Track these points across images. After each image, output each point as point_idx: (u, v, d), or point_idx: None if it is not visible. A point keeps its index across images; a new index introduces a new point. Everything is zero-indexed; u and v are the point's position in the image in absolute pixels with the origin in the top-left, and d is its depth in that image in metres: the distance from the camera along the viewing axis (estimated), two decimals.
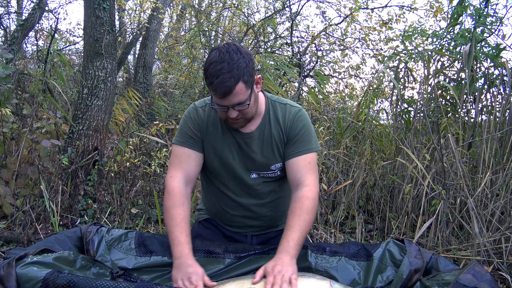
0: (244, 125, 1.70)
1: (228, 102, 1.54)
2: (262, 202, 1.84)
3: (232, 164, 1.77)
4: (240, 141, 1.75)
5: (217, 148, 1.76)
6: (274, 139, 1.76)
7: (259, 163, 1.77)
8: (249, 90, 1.57)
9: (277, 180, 1.84)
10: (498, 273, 2.53)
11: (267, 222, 1.90)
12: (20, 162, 3.27)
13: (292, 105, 1.80)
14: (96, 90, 3.48)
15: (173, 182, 1.70)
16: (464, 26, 3.65)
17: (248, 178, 1.79)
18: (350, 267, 1.66)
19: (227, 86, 1.49)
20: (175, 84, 8.17)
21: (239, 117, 1.61)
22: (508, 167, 2.91)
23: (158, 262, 1.67)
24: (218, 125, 1.76)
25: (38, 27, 7.94)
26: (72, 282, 1.13)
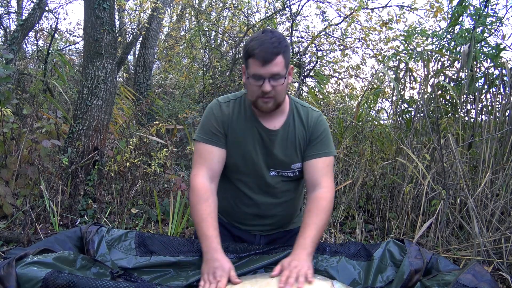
0: (273, 108, 1.70)
1: (266, 71, 1.58)
2: (276, 202, 1.86)
3: (254, 160, 1.78)
4: (265, 137, 1.77)
5: (241, 142, 1.77)
6: (297, 139, 1.79)
7: (281, 161, 1.79)
8: (285, 69, 1.62)
9: (294, 181, 1.86)
10: (498, 273, 2.53)
11: (278, 222, 1.91)
12: (20, 162, 3.27)
13: (313, 109, 1.85)
14: (96, 90, 3.48)
15: (197, 179, 1.71)
16: (464, 26, 3.65)
17: (267, 175, 1.80)
18: (350, 267, 1.66)
19: (270, 52, 1.56)
20: (175, 84, 8.18)
21: (271, 94, 1.63)
22: (508, 167, 2.91)
23: (158, 262, 1.67)
24: (243, 120, 1.77)
25: (38, 27, 7.94)
26: (72, 282, 1.13)
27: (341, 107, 5.42)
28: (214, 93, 6.42)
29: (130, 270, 1.63)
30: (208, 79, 6.70)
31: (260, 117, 1.77)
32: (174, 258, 1.67)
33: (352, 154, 3.92)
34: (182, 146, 4.92)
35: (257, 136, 1.77)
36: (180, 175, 3.63)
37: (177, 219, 2.90)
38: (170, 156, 3.65)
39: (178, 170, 4.05)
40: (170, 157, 3.66)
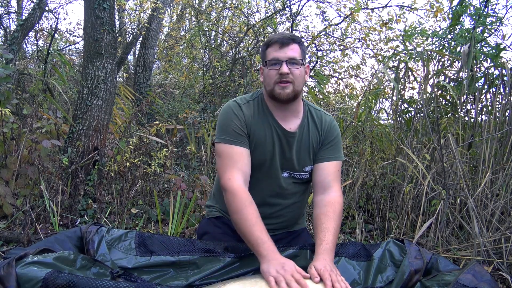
0: (291, 95, 1.71)
1: (284, 54, 1.65)
2: (285, 203, 1.87)
3: (271, 161, 1.79)
4: (283, 139, 1.78)
5: (261, 144, 1.77)
6: (311, 142, 1.81)
7: (295, 163, 1.81)
8: (300, 60, 1.69)
9: (304, 183, 1.88)
10: (498, 273, 2.53)
11: (284, 223, 1.92)
12: (20, 162, 3.27)
13: (325, 113, 1.89)
14: (96, 90, 3.48)
15: (234, 183, 1.64)
16: (464, 26, 3.65)
17: (280, 177, 1.81)
18: (350, 267, 1.66)
19: (287, 37, 1.68)
20: (175, 84, 8.17)
21: (289, 78, 1.67)
22: (508, 167, 2.91)
23: (158, 262, 1.66)
24: (262, 121, 1.78)
25: (38, 27, 7.94)
26: (72, 282, 1.13)
27: (341, 107, 5.42)
28: (214, 93, 6.42)
29: (130, 270, 1.63)
30: (208, 79, 6.70)
31: (278, 117, 1.78)
32: (174, 258, 1.66)
33: (352, 154, 3.92)
34: (182, 146, 4.92)
35: (276, 138, 1.77)
36: (180, 175, 3.63)
37: (177, 219, 2.90)
38: (170, 156, 3.65)
39: (178, 170, 4.05)
40: (170, 157, 3.66)
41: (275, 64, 1.67)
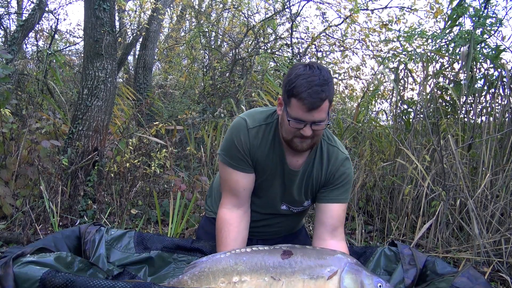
0: (306, 149, 1.63)
1: (311, 117, 1.48)
2: (283, 221, 1.89)
3: (270, 193, 1.78)
4: (286, 177, 1.73)
5: (262, 173, 1.74)
6: (313, 180, 1.75)
7: (294, 199, 1.79)
8: (327, 112, 1.53)
9: (302, 211, 1.88)
10: (498, 275, 2.53)
11: (282, 231, 1.94)
12: (20, 163, 3.27)
13: (340, 150, 1.75)
14: (96, 91, 3.48)
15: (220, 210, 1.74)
16: (463, 28, 3.66)
17: (279, 208, 1.82)
18: None
19: (319, 98, 1.45)
20: (175, 85, 8.17)
21: (310, 137, 1.54)
22: (508, 168, 2.91)
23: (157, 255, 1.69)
24: (270, 153, 1.70)
25: (38, 27, 7.95)
26: (69, 281, 1.13)
27: (341, 108, 5.43)
28: (214, 94, 6.42)
29: (128, 265, 1.64)
30: (208, 80, 6.70)
31: (287, 150, 1.69)
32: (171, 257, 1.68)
33: (351, 155, 3.92)
34: (181, 147, 4.92)
35: (279, 173, 1.73)
36: (179, 175, 3.62)
37: (177, 220, 2.89)
38: (170, 156, 3.65)
39: (178, 171, 4.05)
40: (170, 158, 3.65)
41: (299, 123, 1.51)
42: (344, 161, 1.74)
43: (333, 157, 1.73)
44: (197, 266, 1.43)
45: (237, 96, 5.35)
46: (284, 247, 1.44)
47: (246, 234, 1.74)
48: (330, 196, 1.73)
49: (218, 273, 1.40)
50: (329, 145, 1.74)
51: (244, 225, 1.72)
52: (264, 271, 1.39)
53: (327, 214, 1.71)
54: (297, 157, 1.71)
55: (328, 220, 1.70)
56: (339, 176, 1.72)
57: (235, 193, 1.72)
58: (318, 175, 1.73)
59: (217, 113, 4.47)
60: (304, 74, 1.46)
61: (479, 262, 2.59)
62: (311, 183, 1.75)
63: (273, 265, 1.40)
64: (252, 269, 1.40)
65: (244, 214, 1.74)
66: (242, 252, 1.44)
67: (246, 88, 5.27)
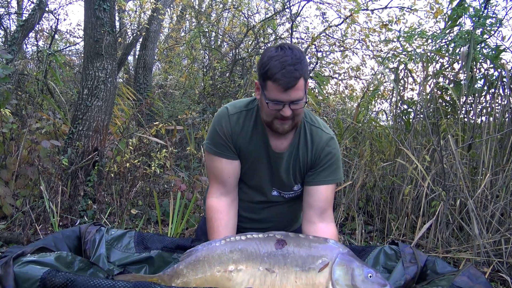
0: (288, 130, 1.63)
1: (288, 97, 1.50)
2: (276, 211, 1.87)
3: (258, 177, 1.77)
4: (272, 159, 1.73)
5: (248, 159, 1.74)
6: (299, 162, 1.73)
7: (284, 183, 1.77)
8: (304, 90, 1.54)
9: (295, 198, 1.86)
10: (498, 275, 2.53)
11: (274, 227, 1.91)
12: (20, 163, 3.27)
13: (324, 131, 1.74)
14: (96, 91, 3.48)
15: (208, 199, 1.76)
16: (463, 28, 3.66)
17: (269, 194, 1.81)
18: None
19: (293, 77, 1.46)
20: (175, 85, 8.18)
21: (290, 117, 1.55)
22: (508, 169, 2.91)
23: (157, 255, 1.69)
24: (253, 136, 1.71)
25: (38, 27, 7.95)
26: (70, 280, 1.13)
27: (341, 108, 5.43)
28: (214, 94, 6.42)
29: (128, 265, 1.64)
30: (208, 80, 6.70)
31: (270, 134, 1.69)
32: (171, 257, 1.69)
33: (351, 155, 3.92)
34: (182, 147, 4.92)
35: (264, 156, 1.73)
36: (180, 176, 3.62)
37: (177, 220, 2.90)
38: (170, 157, 3.65)
39: (178, 171, 4.05)
40: (170, 158, 3.66)
41: (277, 104, 1.52)
42: (329, 141, 1.72)
43: (317, 138, 1.72)
44: (193, 254, 1.43)
45: (237, 96, 5.35)
46: (278, 235, 1.42)
47: (236, 221, 1.75)
48: (317, 178, 1.71)
49: (214, 262, 1.40)
50: (312, 126, 1.74)
51: (233, 212, 1.74)
52: (259, 260, 1.39)
53: (315, 196, 1.70)
54: (281, 140, 1.71)
55: (317, 202, 1.70)
56: (324, 156, 1.71)
57: (221, 181, 1.73)
58: (304, 157, 1.73)
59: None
60: (277, 56, 1.48)
61: (479, 262, 2.59)
62: (298, 166, 1.74)
63: (267, 254, 1.39)
64: (247, 258, 1.39)
65: (233, 202, 1.75)
66: (237, 240, 1.43)
67: (246, 88, 5.27)
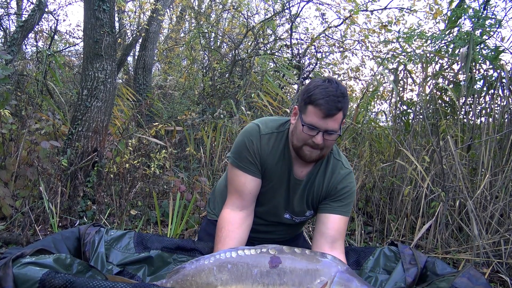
0: (315, 159, 1.66)
1: (325, 125, 1.54)
2: (286, 228, 1.90)
3: (274, 200, 1.79)
4: (291, 186, 1.75)
5: (269, 180, 1.75)
6: (314, 190, 1.76)
7: (296, 210, 1.80)
8: (340, 126, 1.58)
9: (306, 220, 1.89)
10: (498, 275, 2.53)
11: (281, 237, 1.94)
12: (19, 163, 3.27)
13: (344, 165, 1.78)
14: (95, 92, 3.48)
15: (223, 210, 1.75)
16: (463, 29, 3.66)
17: (282, 217, 1.83)
18: None
19: (335, 107, 1.51)
20: (174, 86, 8.18)
21: (320, 146, 1.59)
22: (507, 169, 2.91)
23: (157, 255, 1.69)
24: (279, 160, 1.72)
25: (38, 28, 7.94)
26: (69, 282, 1.13)
27: None
28: (214, 94, 6.42)
29: (127, 265, 1.64)
30: (208, 81, 6.70)
31: (295, 160, 1.72)
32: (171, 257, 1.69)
33: (351, 156, 3.92)
34: (181, 148, 4.92)
35: (285, 181, 1.75)
36: (179, 176, 3.62)
37: (177, 221, 2.89)
38: (169, 157, 3.65)
39: (178, 172, 4.05)
40: (169, 159, 3.65)
41: (312, 130, 1.56)
42: (347, 175, 1.76)
43: (336, 170, 1.75)
44: (180, 272, 1.41)
45: (237, 97, 5.35)
46: (271, 251, 1.39)
47: (246, 236, 1.73)
48: (331, 206, 1.73)
49: (201, 282, 1.36)
50: (334, 158, 1.78)
51: (246, 227, 1.73)
52: (251, 281, 1.35)
53: (327, 225, 1.71)
54: (302, 167, 1.74)
55: (328, 231, 1.69)
56: (340, 189, 1.73)
57: (240, 194, 1.73)
58: (320, 186, 1.75)
59: (217, 114, 4.47)
60: (323, 85, 1.54)
61: (478, 263, 2.59)
62: (311, 194, 1.76)
63: (260, 273, 1.36)
64: (237, 278, 1.36)
65: (247, 217, 1.75)
66: (227, 257, 1.39)
67: (245, 89, 5.27)
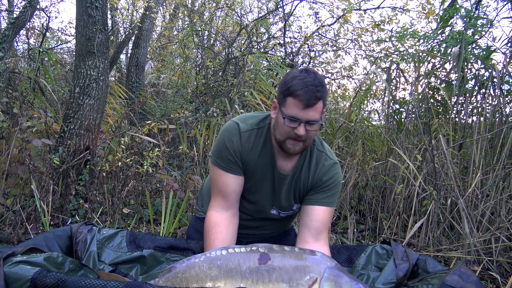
0: (298, 152, 1.65)
1: (305, 116, 1.52)
2: (273, 223, 1.89)
3: (260, 196, 1.78)
4: (276, 181, 1.75)
5: (252, 177, 1.75)
6: (300, 183, 1.76)
7: (283, 204, 1.80)
8: (321, 115, 1.57)
9: (293, 214, 1.89)
10: (488, 273, 2.55)
11: (269, 234, 1.94)
12: (11, 161, 3.24)
13: (328, 156, 1.77)
14: (88, 89, 3.46)
15: (209, 213, 1.73)
16: (455, 28, 3.69)
17: (268, 212, 1.82)
18: None
19: (314, 96, 1.50)
20: (167, 84, 8.14)
21: (303, 138, 1.58)
22: (498, 168, 2.94)
23: (150, 254, 1.68)
24: (261, 156, 1.71)
25: (29, 25, 7.86)
26: (61, 281, 1.12)
27: (333, 108, 5.45)
28: (207, 93, 6.41)
29: (120, 264, 1.64)
30: (201, 79, 6.69)
31: (278, 154, 1.72)
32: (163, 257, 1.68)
33: (344, 154, 3.93)
34: (174, 146, 4.91)
35: (269, 177, 1.74)
36: (172, 175, 3.61)
37: (169, 219, 2.89)
38: (162, 156, 3.64)
39: (170, 170, 4.04)
40: (162, 157, 3.64)
41: (293, 122, 1.54)
42: (332, 166, 1.76)
43: (320, 162, 1.75)
44: (172, 271, 1.41)
45: (230, 95, 5.35)
46: (261, 249, 1.40)
47: (235, 236, 1.73)
48: (316, 198, 1.73)
49: (191, 279, 1.37)
50: (318, 150, 1.77)
51: (233, 228, 1.72)
52: (240, 277, 1.36)
53: (312, 216, 1.71)
54: (287, 161, 1.73)
55: (313, 223, 1.70)
56: (326, 180, 1.73)
57: (224, 195, 1.72)
58: (306, 179, 1.75)
59: (210, 112, 4.46)
60: (300, 76, 1.53)
61: (469, 261, 2.61)
62: (298, 188, 1.76)
63: (249, 269, 1.36)
64: (226, 274, 1.37)
65: (233, 217, 1.74)
66: (217, 255, 1.40)
67: (239, 87, 5.27)
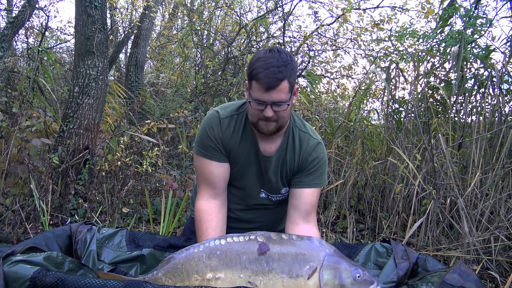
0: (273, 131, 1.65)
1: (270, 98, 1.52)
2: (264, 212, 1.88)
3: (247, 180, 1.78)
4: (261, 162, 1.75)
5: (237, 162, 1.75)
6: (287, 165, 1.76)
7: (272, 186, 1.80)
8: (289, 94, 1.56)
9: (282, 201, 1.88)
10: (488, 272, 2.55)
11: (262, 226, 1.92)
12: (10, 161, 3.23)
13: (312, 136, 1.78)
14: (87, 89, 3.46)
15: (197, 202, 1.75)
16: (454, 28, 3.69)
17: (257, 197, 1.82)
18: None
19: (275, 78, 1.49)
20: (167, 83, 8.14)
21: (273, 119, 1.58)
22: (497, 167, 2.94)
23: (149, 253, 1.68)
24: (242, 140, 1.73)
25: (29, 24, 7.86)
26: (60, 280, 1.12)
27: (332, 107, 5.45)
28: (206, 92, 6.41)
29: (119, 263, 1.63)
30: (200, 78, 6.68)
31: (259, 138, 1.72)
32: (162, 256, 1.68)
33: (343, 154, 3.93)
34: (173, 145, 4.90)
35: (253, 159, 1.75)
36: (171, 174, 3.61)
37: (169, 219, 2.89)
38: (162, 155, 3.64)
39: (170, 170, 4.04)
40: (162, 156, 3.64)
41: (259, 104, 1.55)
42: (316, 146, 1.76)
43: (304, 143, 1.75)
44: (171, 261, 1.41)
45: (230, 94, 5.35)
46: (259, 238, 1.40)
47: (225, 224, 1.75)
48: (303, 181, 1.74)
49: (191, 269, 1.38)
50: (300, 131, 1.77)
51: (222, 215, 1.74)
52: (240, 268, 1.36)
53: (301, 199, 1.73)
54: (269, 144, 1.74)
55: (302, 205, 1.72)
56: (311, 161, 1.74)
57: (211, 183, 1.74)
58: (292, 161, 1.75)
59: (209, 112, 4.45)
60: (264, 57, 1.52)
61: (468, 260, 2.61)
62: (285, 169, 1.76)
63: (249, 260, 1.36)
64: (226, 265, 1.37)
65: (222, 204, 1.76)
66: (216, 245, 1.40)
67: (239, 87, 5.27)
